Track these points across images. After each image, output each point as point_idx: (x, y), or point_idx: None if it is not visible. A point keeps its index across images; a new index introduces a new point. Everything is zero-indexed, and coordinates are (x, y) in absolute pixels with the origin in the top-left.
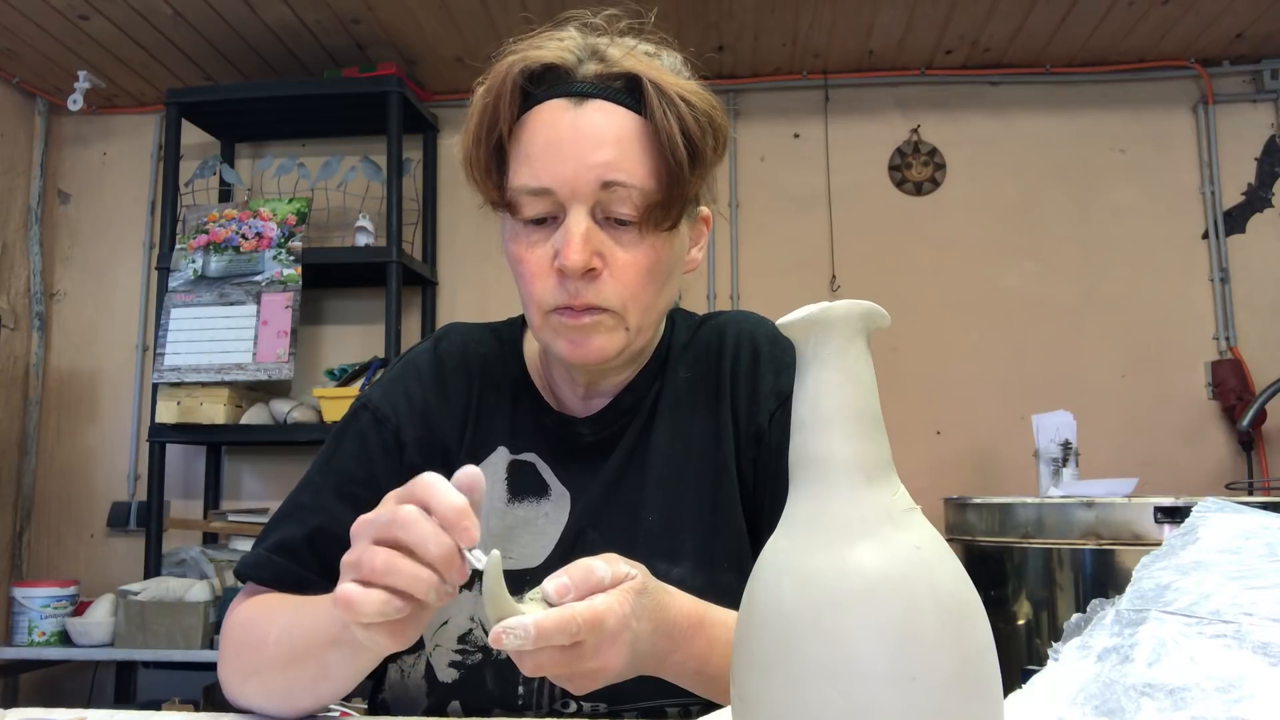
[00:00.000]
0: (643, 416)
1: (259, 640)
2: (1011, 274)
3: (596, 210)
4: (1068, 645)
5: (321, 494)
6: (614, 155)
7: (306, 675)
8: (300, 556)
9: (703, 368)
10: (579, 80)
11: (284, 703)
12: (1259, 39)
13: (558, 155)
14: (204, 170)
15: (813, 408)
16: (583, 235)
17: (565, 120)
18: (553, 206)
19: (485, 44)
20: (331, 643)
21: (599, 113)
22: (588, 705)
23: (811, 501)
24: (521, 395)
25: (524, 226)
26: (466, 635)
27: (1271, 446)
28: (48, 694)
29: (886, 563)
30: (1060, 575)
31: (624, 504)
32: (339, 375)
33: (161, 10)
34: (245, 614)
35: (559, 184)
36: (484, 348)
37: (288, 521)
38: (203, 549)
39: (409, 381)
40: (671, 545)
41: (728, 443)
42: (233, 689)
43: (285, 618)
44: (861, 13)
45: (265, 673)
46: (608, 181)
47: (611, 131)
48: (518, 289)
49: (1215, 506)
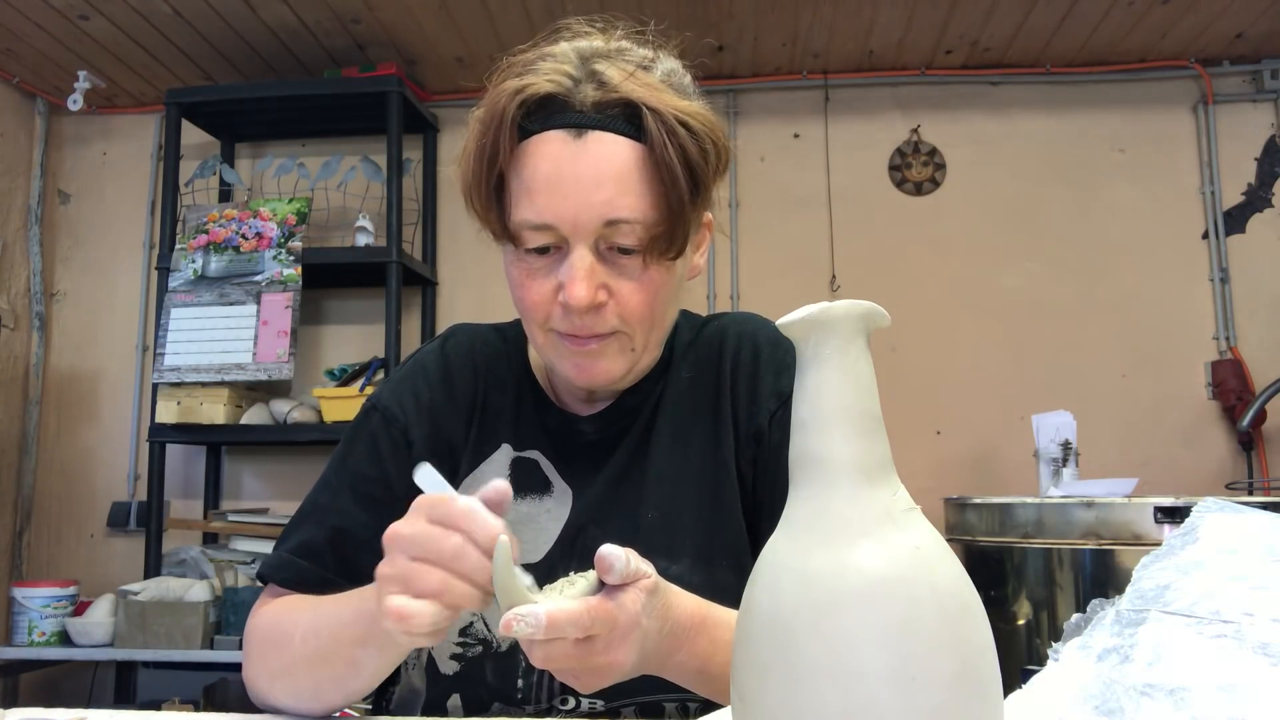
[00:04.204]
0: (645, 416)
1: (284, 641)
2: (1011, 274)
3: (599, 243)
4: (1068, 645)
5: (339, 495)
6: (615, 192)
7: (334, 673)
8: (322, 558)
9: (704, 368)
10: (577, 109)
11: (313, 702)
12: (1259, 39)
13: (559, 192)
14: (204, 170)
15: (813, 408)
16: (587, 271)
17: (566, 155)
18: (555, 239)
19: (485, 44)
20: (361, 641)
21: (599, 145)
22: (586, 702)
23: (812, 502)
24: (525, 394)
25: (525, 254)
26: (468, 628)
27: (1271, 446)
28: (48, 694)
29: (887, 563)
30: (1060, 575)
31: (625, 501)
32: (339, 375)
33: (161, 10)
34: (269, 616)
35: (561, 221)
36: (490, 347)
37: (307, 523)
38: (203, 549)
39: (416, 381)
40: (671, 542)
41: (728, 442)
42: (260, 690)
43: (308, 617)
44: (861, 13)
45: (292, 673)
46: (611, 220)
47: (613, 167)
48: (517, 304)
49: (1215, 506)
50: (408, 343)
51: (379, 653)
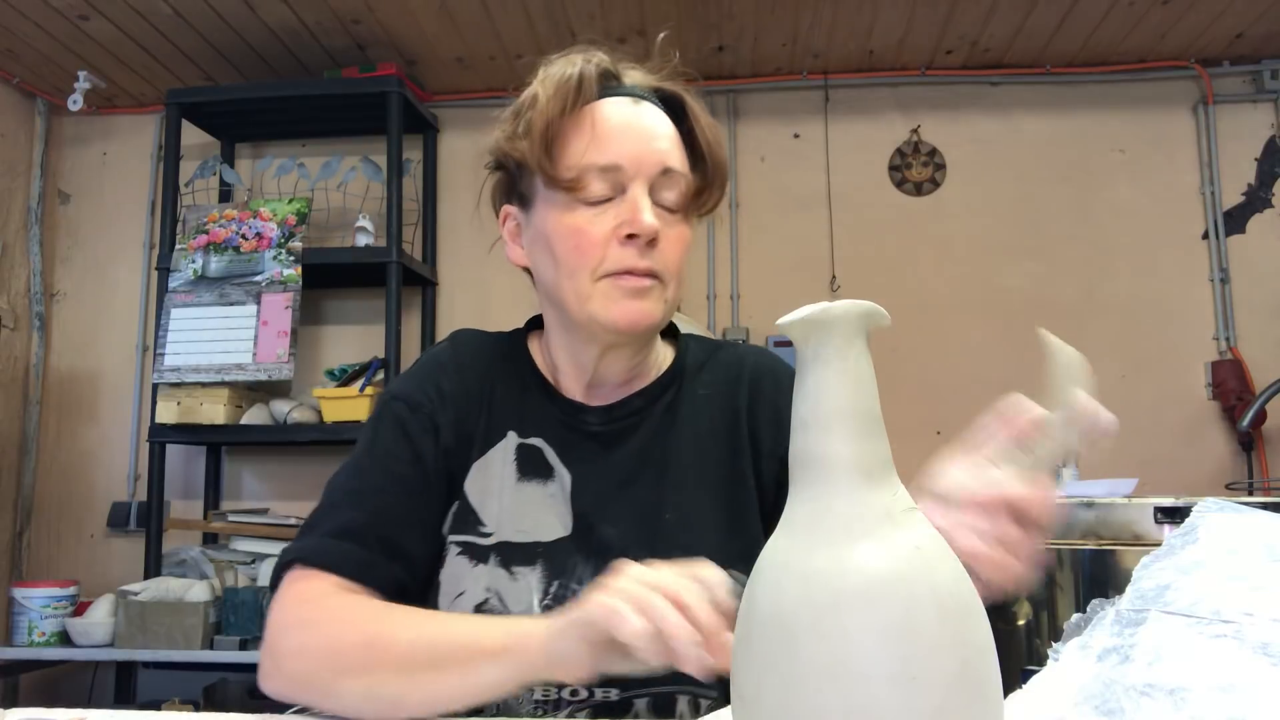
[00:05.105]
0: (654, 421)
1: (383, 640)
2: (1012, 274)
3: (649, 192)
4: (1068, 645)
5: (373, 476)
6: (670, 146)
7: (441, 682)
8: (365, 539)
9: (721, 388)
10: (631, 85)
11: (390, 707)
12: (1259, 39)
13: (627, 138)
14: (204, 170)
15: (813, 407)
16: (650, 205)
17: (629, 112)
18: (613, 184)
19: (485, 44)
20: (494, 655)
21: (654, 111)
22: (600, 691)
23: (812, 502)
24: (530, 385)
25: (580, 203)
26: (483, 605)
27: (1271, 446)
28: (48, 694)
29: (887, 563)
30: (1060, 575)
31: (639, 502)
32: (339, 375)
33: (161, 10)
34: (337, 608)
35: (629, 161)
36: (497, 346)
37: (343, 507)
38: (203, 549)
39: (435, 374)
40: (690, 544)
41: (746, 458)
42: (315, 685)
43: (421, 623)
44: (861, 13)
45: (377, 673)
46: (667, 168)
47: (666, 128)
48: (558, 262)
49: (1215, 506)
50: (408, 343)
51: (505, 672)
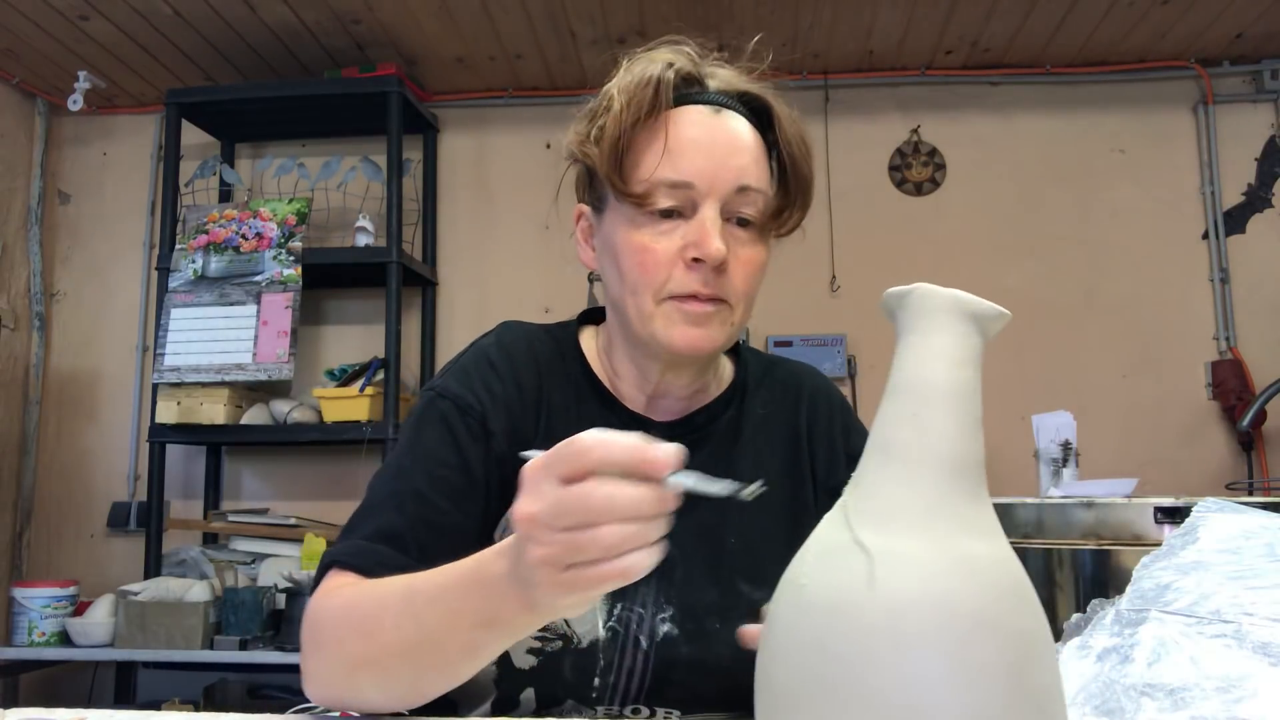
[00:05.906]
0: (716, 440)
1: (371, 628)
2: (1012, 274)
3: (724, 209)
4: (1068, 645)
5: (414, 479)
6: (748, 161)
7: (443, 658)
8: (404, 543)
9: (779, 409)
10: (712, 92)
11: (408, 690)
12: (1259, 39)
13: (701, 153)
14: (204, 170)
15: (912, 388)
16: (719, 227)
17: (706, 124)
18: (684, 201)
19: (485, 44)
20: (485, 623)
21: (734, 121)
22: (661, 711)
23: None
24: (586, 393)
25: (649, 217)
26: (545, 626)
27: (1271, 446)
28: (48, 694)
29: (974, 595)
30: (1060, 575)
31: (702, 525)
32: (339, 375)
33: (161, 10)
34: (343, 601)
35: (701, 179)
36: (545, 346)
37: (384, 509)
38: (203, 549)
39: (485, 373)
40: (754, 568)
41: (806, 485)
42: (336, 682)
43: (399, 602)
44: (861, 13)
45: (382, 661)
46: (743, 185)
47: (745, 142)
48: (623, 277)
49: (1215, 506)
50: (408, 343)
51: (501, 635)
